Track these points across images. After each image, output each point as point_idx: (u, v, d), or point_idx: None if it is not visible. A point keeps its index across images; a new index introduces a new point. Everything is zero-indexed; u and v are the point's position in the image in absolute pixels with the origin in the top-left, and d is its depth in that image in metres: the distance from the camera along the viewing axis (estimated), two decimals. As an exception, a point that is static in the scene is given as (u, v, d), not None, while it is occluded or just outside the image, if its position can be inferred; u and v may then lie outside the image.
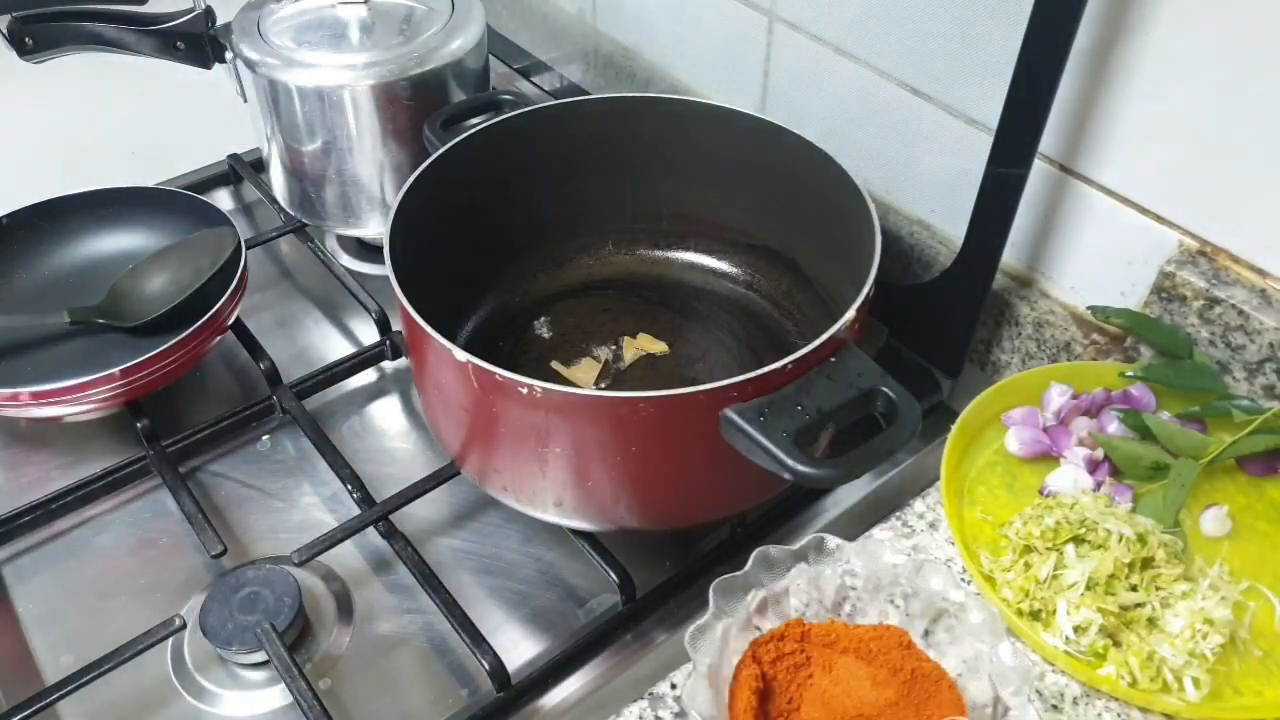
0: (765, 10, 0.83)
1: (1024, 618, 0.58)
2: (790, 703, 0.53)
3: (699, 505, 0.64)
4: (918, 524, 0.66)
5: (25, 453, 0.78)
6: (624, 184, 0.81)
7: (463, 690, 0.64)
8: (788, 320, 0.81)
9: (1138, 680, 0.55)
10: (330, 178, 0.88)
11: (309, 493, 0.75)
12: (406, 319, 0.60)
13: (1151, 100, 0.62)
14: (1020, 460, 0.67)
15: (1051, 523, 0.60)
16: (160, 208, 0.85)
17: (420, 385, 0.69)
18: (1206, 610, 0.56)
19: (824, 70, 0.80)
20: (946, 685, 0.53)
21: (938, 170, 0.76)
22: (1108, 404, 0.67)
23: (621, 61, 1.02)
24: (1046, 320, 0.72)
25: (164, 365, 0.72)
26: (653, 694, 0.58)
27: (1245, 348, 0.62)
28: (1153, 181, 0.64)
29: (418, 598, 0.67)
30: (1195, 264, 0.63)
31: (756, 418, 0.54)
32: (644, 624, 0.66)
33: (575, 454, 0.58)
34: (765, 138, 0.74)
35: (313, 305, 0.91)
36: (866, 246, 0.63)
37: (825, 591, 0.56)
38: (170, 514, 0.72)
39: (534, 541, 0.71)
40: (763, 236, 0.82)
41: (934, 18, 0.70)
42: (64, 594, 0.69)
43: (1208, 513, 0.63)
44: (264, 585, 0.65)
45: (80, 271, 0.84)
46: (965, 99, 0.71)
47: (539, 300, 0.82)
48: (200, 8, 0.86)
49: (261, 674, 0.64)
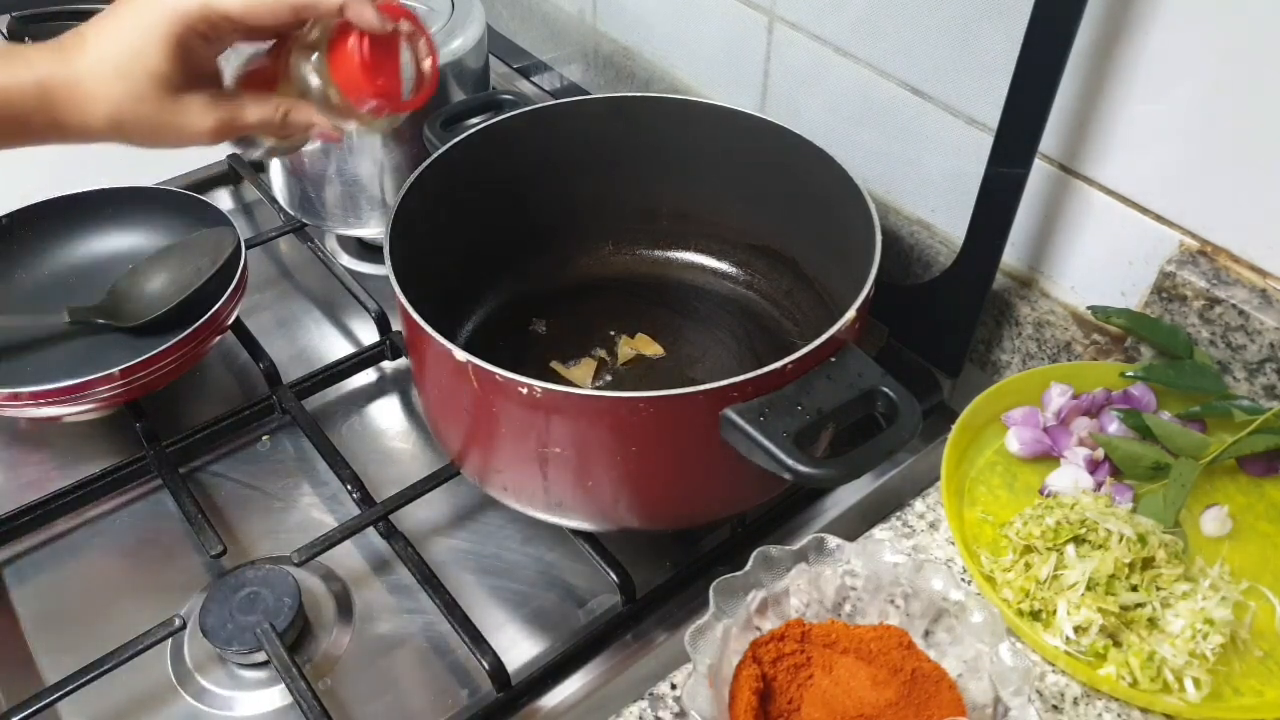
0: (765, 10, 0.83)
1: (1024, 618, 0.58)
2: (790, 703, 0.53)
3: (699, 505, 0.64)
4: (918, 524, 0.66)
5: (25, 453, 0.78)
6: (623, 184, 0.81)
7: (463, 690, 0.64)
8: (788, 320, 0.81)
9: (1138, 680, 0.55)
10: (330, 178, 0.88)
11: (309, 493, 0.75)
12: (406, 319, 0.60)
13: (1151, 100, 0.61)
14: (1020, 460, 0.67)
15: (1052, 523, 0.60)
16: (160, 208, 0.85)
17: (420, 385, 0.69)
18: (1207, 610, 0.56)
19: (824, 70, 0.80)
20: (947, 685, 0.53)
21: (938, 170, 0.75)
22: (1108, 404, 0.67)
23: (621, 61, 1.02)
24: (1047, 320, 0.72)
25: (164, 365, 0.72)
26: (653, 694, 0.58)
27: (1246, 348, 0.62)
28: (1153, 181, 0.64)
29: (418, 598, 0.67)
30: (1196, 264, 0.63)
31: (756, 418, 0.54)
32: (644, 624, 0.66)
33: (575, 454, 0.58)
34: (765, 138, 0.74)
35: (313, 305, 0.91)
36: (866, 246, 0.63)
37: (825, 591, 0.56)
38: (170, 514, 0.72)
39: (534, 541, 0.71)
40: (763, 236, 0.82)
41: (934, 17, 0.70)
42: (64, 594, 0.69)
43: (1208, 513, 0.63)
44: (264, 585, 0.65)
45: (80, 271, 0.84)
46: (965, 99, 0.71)
47: (539, 300, 0.82)
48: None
49: (261, 674, 0.64)
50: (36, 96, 0.53)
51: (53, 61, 0.53)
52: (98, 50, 0.53)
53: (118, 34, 0.53)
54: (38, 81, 0.53)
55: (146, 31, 0.52)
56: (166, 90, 0.53)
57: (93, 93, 0.53)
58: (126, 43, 0.52)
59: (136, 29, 0.52)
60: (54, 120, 0.54)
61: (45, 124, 0.54)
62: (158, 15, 0.52)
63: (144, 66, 0.52)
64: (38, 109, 0.53)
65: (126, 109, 0.53)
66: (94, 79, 0.53)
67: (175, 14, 0.52)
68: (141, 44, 0.52)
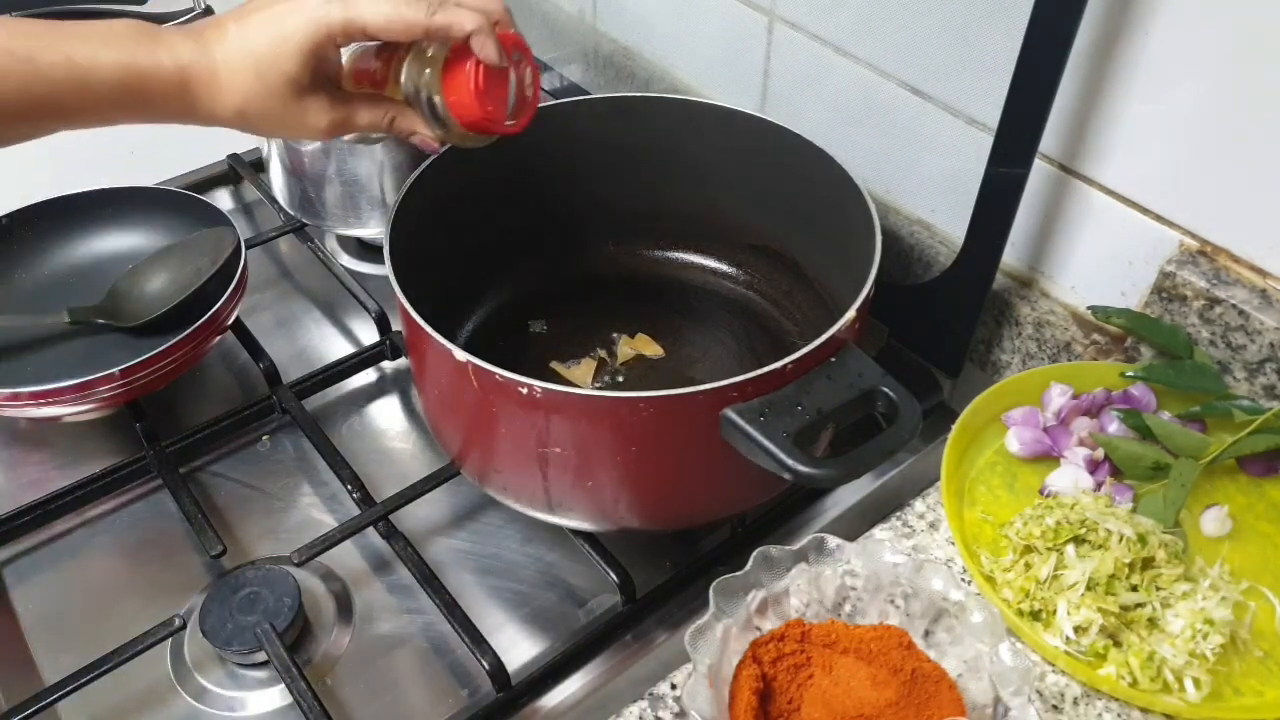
0: (765, 10, 0.83)
1: (1024, 618, 0.58)
2: (790, 703, 0.53)
3: (699, 505, 0.64)
4: (918, 524, 0.66)
5: (25, 453, 0.78)
6: (623, 184, 0.81)
7: (463, 690, 0.64)
8: (788, 320, 0.81)
9: (1138, 680, 0.55)
10: (330, 178, 0.88)
11: (309, 493, 0.75)
12: (406, 319, 0.60)
13: (1152, 100, 0.61)
14: (1021, 460, 0.67)
15: (1052, 523, 0.60)
16: (160, 208, 0.85)
17: (420, 385, 0.69)
18: (1207, 610, 0.56)
19: (824, 70, 0.80)
20: (947, 685, 0.53)
21: (938, 170, 0.75)
22: (1108, 404, 0.67)
23: (621, 61, 1.02)
24: (1047, 320, 0.72)
25: (164, 365, 0.72)
26: (653, 694, 0.58)
27: (1246, 348, 0.62)
28: (1153, 181, 0.64)
29: (418, 598, 0.67)
30: (1196, 264, 0.63)
31: (756, 418, 0.54)
32: (644, 624, 0.66)
33: (575, 454, 0.58)
34: (765, 138, 0.74)
35: (313, 305, 0.91)
36: (866, 246, 0.63)
37: (825, 591, 0.56)
38: (170, 514, 0.72)
39: (534, 541, 0.71)
40: (763, 236, 0.82)
41: (934, 18, 0.70)
42: (64, 594, 0.69)
43: (1208, 513, 0.63)
44: (264, 585, 0.65)
45: (80, 271, 0.84)
46: (965, 99, 0.71)
47: (539, 300, 0.82)
48: (200, 8, 0.86)
49: (261, 674, 0.64)
50: (177, 83, 0.55)
51: (194, 50, 0.55)
52: (239, 46, 0.55)
53: (260, 34, 0.55)
54: (179, 68, 0.55)
55: (288, 37, 0.54)
56: (295, 91, 0.56)
57: (227, 86, 0.55)
58: (267, 44, 0.55)
59: (279, 32, 0.55)
60: (188, 106, 0.56)
61: (178, 108, 0.56)
62: (301, 22, 0.54)
63: (280, 69, 0.55)
64: (175, 94, 0.55)
65: (256, 104, 0.56)
66: (230, 73, 0.55)
67: (319, 24, 0.54)
68: (281, 47, 0.55)
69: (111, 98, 0.54)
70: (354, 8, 0.54)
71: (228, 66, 0.55)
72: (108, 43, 0.54)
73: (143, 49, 0.54)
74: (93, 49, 0.53)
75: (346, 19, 0.54)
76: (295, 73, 0.55)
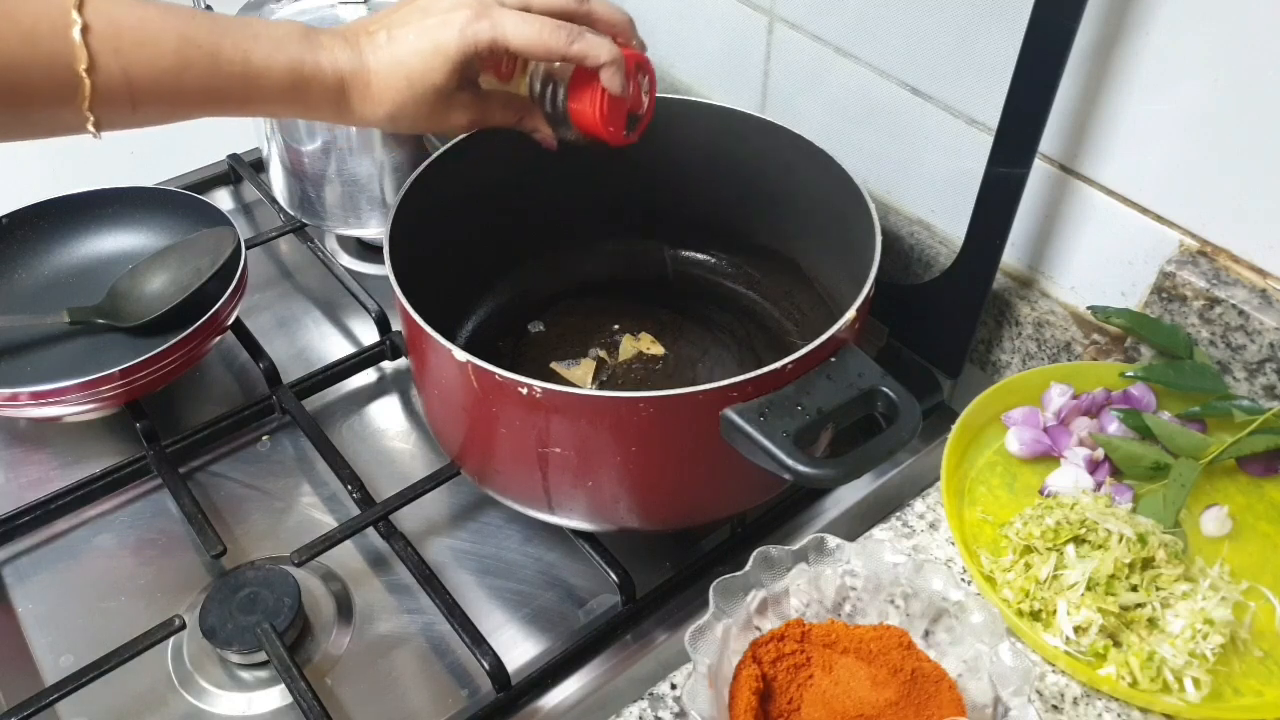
0: (765, 10, 0.83)
1: (1024, 618, 0.58)
2: (790, 703, 0.53)
3: (699, 505, 0.64)
4: (918, 524, 0.66)
5: (25, 453, 0.78)
6: (623, 184, 0.81)
7: (463, 690, 0.64)
8: (788, 320, 0.81)
9: (1138, 681, 0.55)
10: (330, 178, 0.88)
11: (308, 493, 0.75)
12: (406, 319, 0.60)
13: (1152, 100, 0.61)
14: (1020, 460, 0.67)
15: (1052, 523, 0.60)
16: (160, 208, 0.85)
17: (420, 385, 0.69)
18: (1207, 610, 0.56)
19: (824, 70, 0.80)
20: (947, 686, 0.53)
21: (938, 170, 0.76)
22: (1108, 404, 0.67)
23: (621, 61, 1.02)
24: (1047, 320, 0.72)
25: (164, 365, 0.72)
26: (653, 694, 0.58)
27: (1246, 348, 0.62)
28: (1153, 181, 0.64)
29: (417, 598, 0.67)
30: (1196, 264, 0.63)
31: (756, 418, 0.54)
32: (644, 624, 0.66)
33: (575, 454, 0.58)
34: (765, 138, 0.74)
35: (313, 305, 0.91)
36: (866, 246, 0.63)
37: (825, 591, 0.56)
38: (170, 514, 0.72)
39: (534, 541, 0.71)
40: (762, 236, 0.81)
41: (934, 18, 0.70)
42: (64, 594, 0.69)
43: (1208, 513, 0.63)
44: (264, 586, 0.65)
45: (80, 271, 0.84)
46: (965, 99, 0.71)
47: (538, 300, 0.82)
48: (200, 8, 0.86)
49: (261, 674, 0.64)
50: (336, 89, 0.58)
51: (351, 58, 0.58)
52: (391, 54, 0.58)
53: (413, 45, 0.58)
54: (338, 73, 0.58)
55: (439, 51, 0.58)
56: (441, 98, 0.60)
57: (381, 93, 0.59)
58: (419, 56, 0.58)
59: (431, 45, 0.58)
60: (344, 109, 0.59)
61: (333, 111, 0.59)
62: (452, 36, 0.58)
63: (430, 80, 0.58)
64: (333, 98, 0.58)
65: (406, 110, 0.59)
66: (383, 80, 0.58)
67: (469, 40, 0.58)
68: (432, 61, 0.58)
69: (277, 96, 0.57)
70: (500, 27, 0.58)
71: (380, 75, 0.58)
72: (279, 45, 0.56)
73: (309, 54, 0.57)
74: (267, 51, 0.56)
75: (494, 38, 0.58)
76: (444, 83, 0.59)
